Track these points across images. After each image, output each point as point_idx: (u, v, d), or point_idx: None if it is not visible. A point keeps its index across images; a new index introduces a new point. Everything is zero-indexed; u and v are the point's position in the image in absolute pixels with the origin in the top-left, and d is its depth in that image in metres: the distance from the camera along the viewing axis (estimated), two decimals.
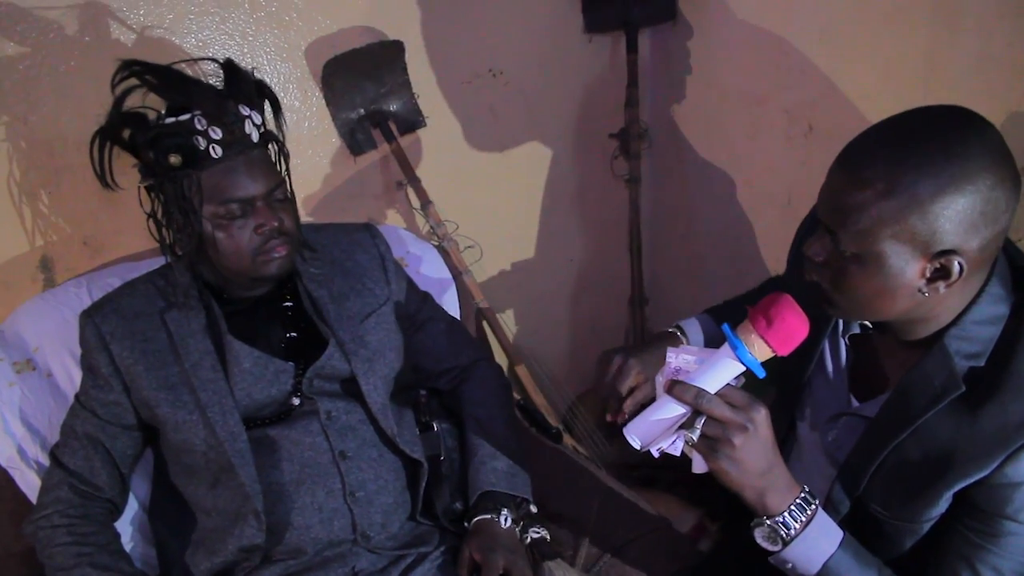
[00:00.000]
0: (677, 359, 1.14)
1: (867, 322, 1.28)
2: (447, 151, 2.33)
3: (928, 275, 1.08)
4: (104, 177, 1.42)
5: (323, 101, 2.10)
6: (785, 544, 1.14)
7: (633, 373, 1.32)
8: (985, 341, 1.12)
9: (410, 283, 1.70)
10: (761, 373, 1.11)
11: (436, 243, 2.20)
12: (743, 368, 1.11)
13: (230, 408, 1.43)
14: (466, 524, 1.49)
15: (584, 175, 2.60)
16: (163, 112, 1.39)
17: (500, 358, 2.39)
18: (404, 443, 1.51)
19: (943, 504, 1.14)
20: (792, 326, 1.08)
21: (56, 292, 1.75)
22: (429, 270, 2.01)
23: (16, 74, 1.74)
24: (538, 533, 1.50)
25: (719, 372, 1.11)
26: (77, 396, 1.50)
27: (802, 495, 1.14)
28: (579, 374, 2.75)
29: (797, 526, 1.13)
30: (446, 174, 2.33)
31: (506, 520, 1.46)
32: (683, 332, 1.50)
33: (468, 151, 2.38)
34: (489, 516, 1.46)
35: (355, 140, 2.16)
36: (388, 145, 2.18)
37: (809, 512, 1.13)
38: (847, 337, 1.31)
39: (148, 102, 1.41)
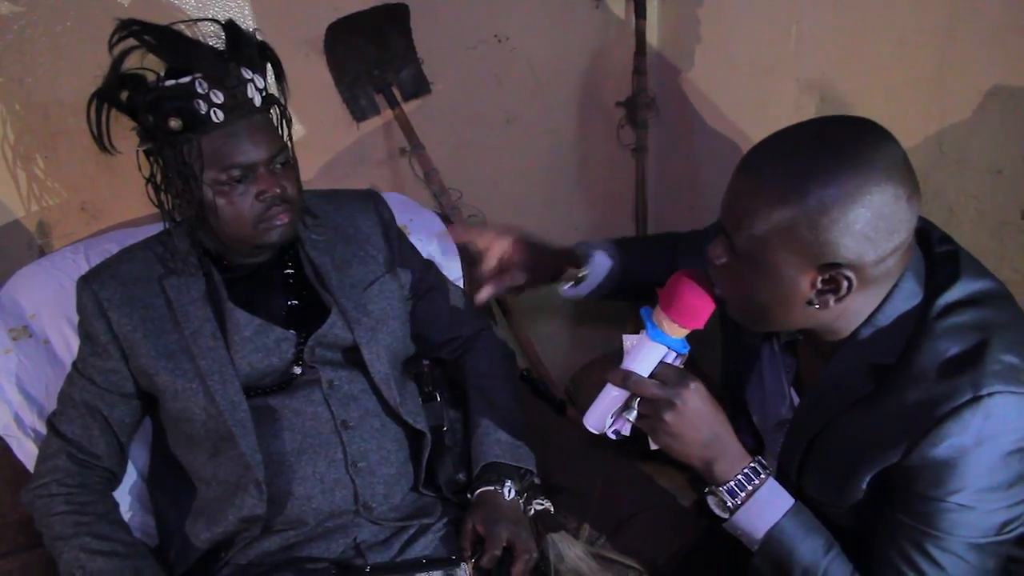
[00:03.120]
0: (630, 344, 1.23)
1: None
2: (451, 118, 2.30)
3: (818, 287, 1.08)
4: (101, 140, 1.39)
5: (325, 65, 2.06)
6: (732, 512, 1.19)
7: None
8: (895, 338, 1.12)
9: (413, 251, 1.68)
10: (682, 348, 1.20)
11: (439, 211, 2.18)
12: (665, 347, 1.19)
13: (230, 376, 1.41)
14: (469, 496, 1.48)
15: (590, 144, 2.57)
16: (162, 74, 1.36)
17: (503, 328, 2.38)
18: (407, 413, 1.50)
19: (864, 488, 1.16)
20: (691, 303, 1.16)
21: (53, 258, 1.73)
22: (433, 238, 1.99)
23: (11, 34, 1.70)
24: (541, 505, 1.50)
25: (647, 353, 1.19)
26: (75, 364, 1.48)
27: (751, 464, 1.19)
28: (583, 345, 2.74)
29: (743, 495, 1.19)
30: (450, 141, 2.30)
31: (510, 492, 1.46)
32: (590, 257, 1.58)
33: (472, 118, 2.34)
34: (492, 488, 1.46)
35: (358, 105, 2.13)
36: (392, 111, 2.15)
37: (757, 482, 1.19)
38: (782, 344, 1.32)
39: (147, 63, 1.38)
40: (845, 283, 1.07)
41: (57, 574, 1.37)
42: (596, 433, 1.25)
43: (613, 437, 1.25)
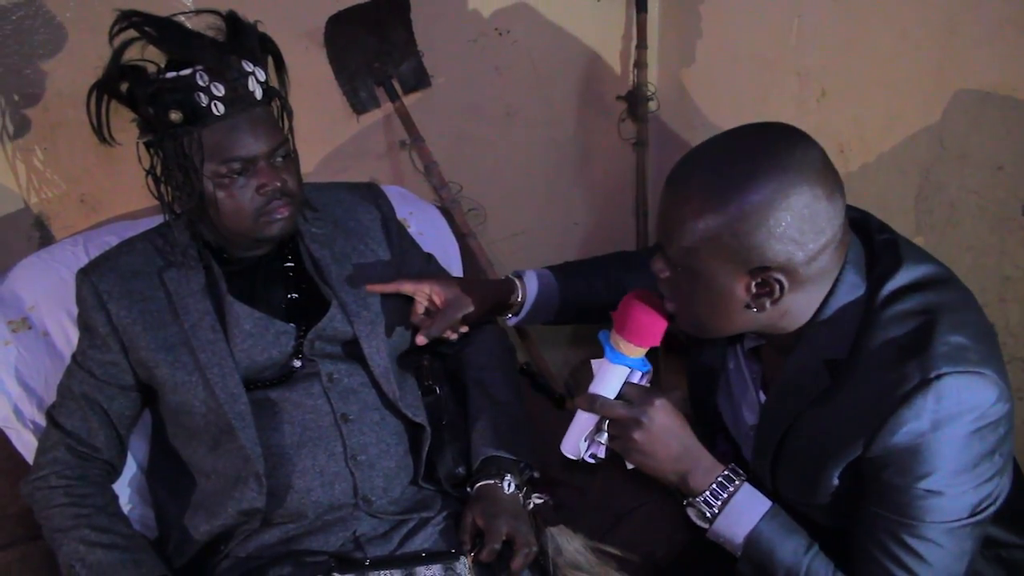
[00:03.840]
0: (596, 366, 1.26)
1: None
2: (451, 111, 2.30)
3: (753, 291, 1.10)
4: (101, 132, 1.39)
5: (325, 58, 2.06)
6: (711, 521, 1.21)
7: None
8: (844, 331, 1.13)
9: (413, 244, 1.68)
10: (643, 367, 1.23)
11: (440, 204, 2.18)
12: (627, 368, 1.22)
13: (230, 369, 1.41)
14: (468, 489, 1.48)
15: (590, 137, 2.57)
16: (163, 66, 1.36)
17: (503, 322, 2.37)
18: (406, 407, 1.50)
19: (835, 484, 1.17)
20: (643, 322, 1.20)
21: (52, 250, 1.74)
22: (432, 232, 1.99)
23: (10, 25, 1.70)
24: (541, 499, 1.49)
25: (610, 376, 1.23)
26: (74, 356, 1.48)
27: (725, 472, 1.21)
28: (582, 340, 2.73)
29: (719, 503, 1.21)
30: (450, 135, 2.30)
31: (509, 486, 1.45)
32: (521, 281, 1.59)
33: (473, 111, 2.34)
34: (492, 481, 1.45)
35: (358, 98, 2.12)
36: (392, 104, 2.14)
37: (732, 488, 1.21)
38: (746, 350, 1.33)
39: (147, 55, 1.37)
40: (777, 286, 1.08)
41: (57, 566, 1.37)
42: (574, 459, 1.28)
43: (591, 461, 1.28)
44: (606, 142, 2.57)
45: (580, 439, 1.26)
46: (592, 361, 1.26)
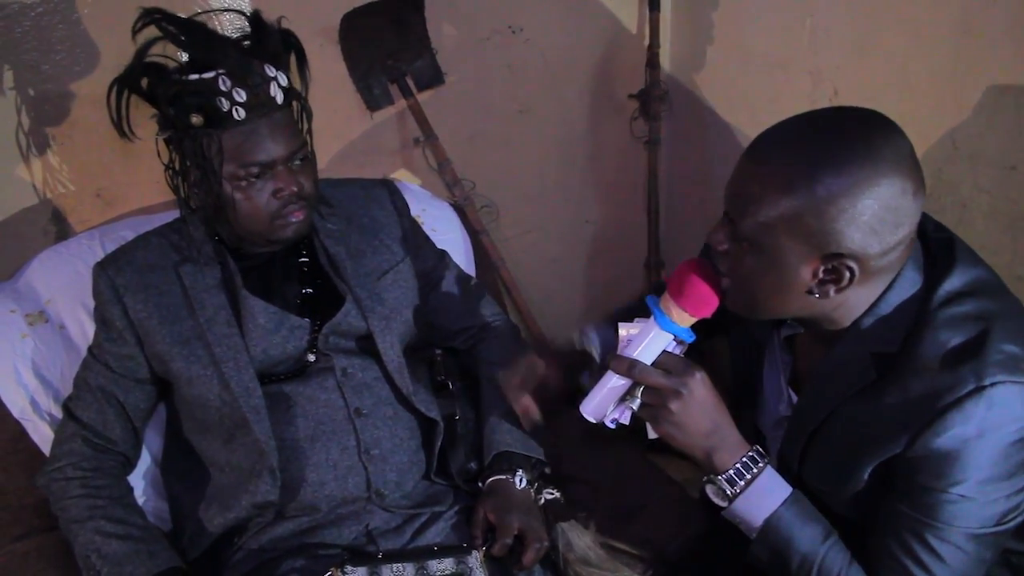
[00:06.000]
0: (627, 332, 1.22)
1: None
2: (464, 108, 2.30)
3: (820, 276, 1.08)
4: (121, 126, 1.39)
5: (340, 55, 2.07)
6: (731, 500, 1.20)
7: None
8: (897, 326, 1.12)
9: (427, 240, 1.69)
10: (688, 337, 1.19)
11: (452, 201, 2.18)
12: (671, 336, 1.19)
13: (244, 363, 1.42)
14: (480, 484, 1.49)
15: (603, 136, 2.57)
16: (184, 63, 1.36)
17: (515, 318, 2.38)
18: (420, 402, 1.51)
19: (865, 479, 1.16)
20: (701, 290, 1.16)
21: (69, 244, 1.75)
22: (445, 228, 2.00)
23: (28, 21, 1.71)
24: (552, 494, 1.50)
25: (652, 342, 1.19)
26: (90, 349, 1.49)
27: (750, 453, 1.19)
28: None
29: (742, 483, 1.19)
30: (463, 132, 2.30)
31: (521, 481, 1.46)
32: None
33: (486, 109, 2.34)
34: (504, 477, 1.46)
35: (372, 95, 2.13)
36: (405, 101, 2.15)
37: (756, 470, 1.19)
38: (781, 339, 1.32)
39: (169, 50, 1.38)
40: (847, 274, 1.07)
41: (73, 557, 1.38)
42: (594, 422, 1.24)
43: (612, 427, 1.25)
44: (618, 140, 2.57)
45: (608, 404, 1.22)
46: (621, 325, 1.22)
